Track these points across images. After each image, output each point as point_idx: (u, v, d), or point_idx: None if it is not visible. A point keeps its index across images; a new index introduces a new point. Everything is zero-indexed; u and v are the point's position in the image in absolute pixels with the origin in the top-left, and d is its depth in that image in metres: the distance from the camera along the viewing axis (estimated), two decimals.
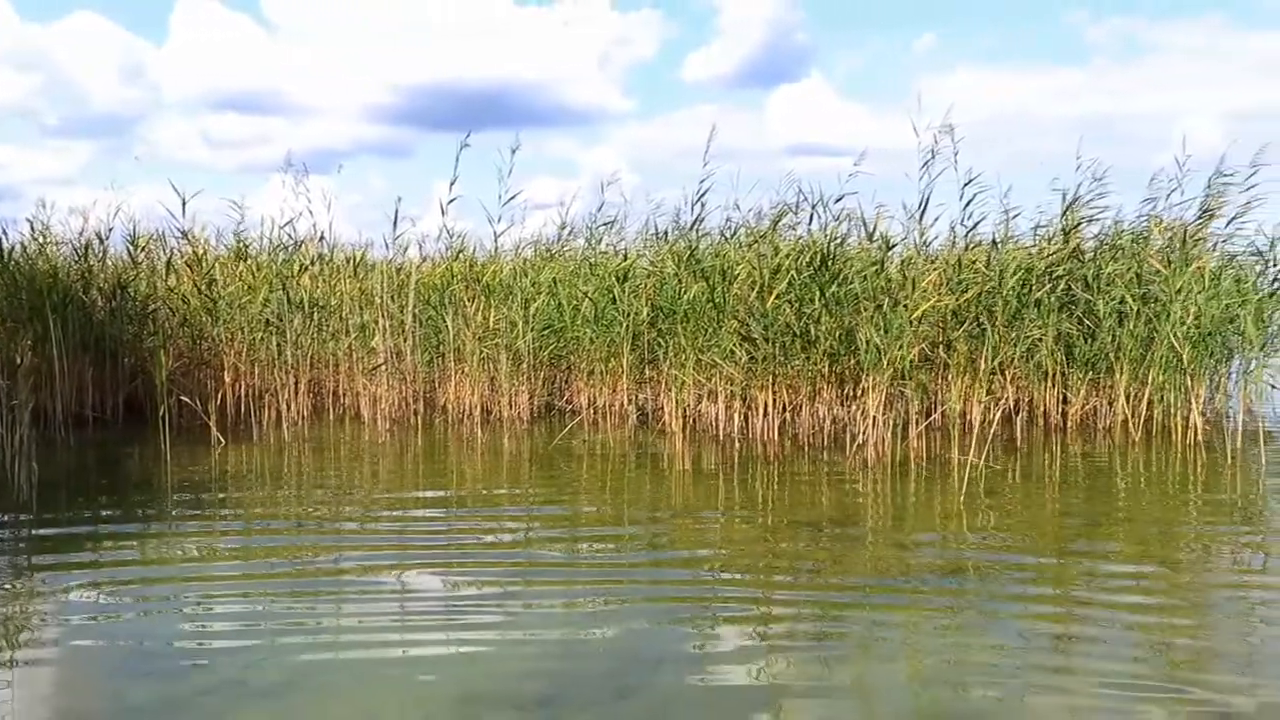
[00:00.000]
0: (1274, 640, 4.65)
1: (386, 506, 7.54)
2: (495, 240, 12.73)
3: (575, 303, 11.80)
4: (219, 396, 11.36)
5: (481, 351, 11.83)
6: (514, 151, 12.05)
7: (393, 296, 12.24)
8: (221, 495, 7.83)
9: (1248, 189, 11.18)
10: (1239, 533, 6.84)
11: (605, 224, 13.07)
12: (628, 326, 11.26)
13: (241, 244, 13.31)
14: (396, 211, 12.88)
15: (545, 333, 12.11)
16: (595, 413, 11.84)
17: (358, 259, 13.46)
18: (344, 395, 12.49)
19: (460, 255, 13.28)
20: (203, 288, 11.83)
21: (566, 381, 12.61)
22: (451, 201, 12.37)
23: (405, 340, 12.08)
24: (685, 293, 10.74)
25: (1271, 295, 10.79)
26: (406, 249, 13.19)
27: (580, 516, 7.20)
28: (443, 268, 13.06)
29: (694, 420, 10.89)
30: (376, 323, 12.09)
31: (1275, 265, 11.25)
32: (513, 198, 12.23)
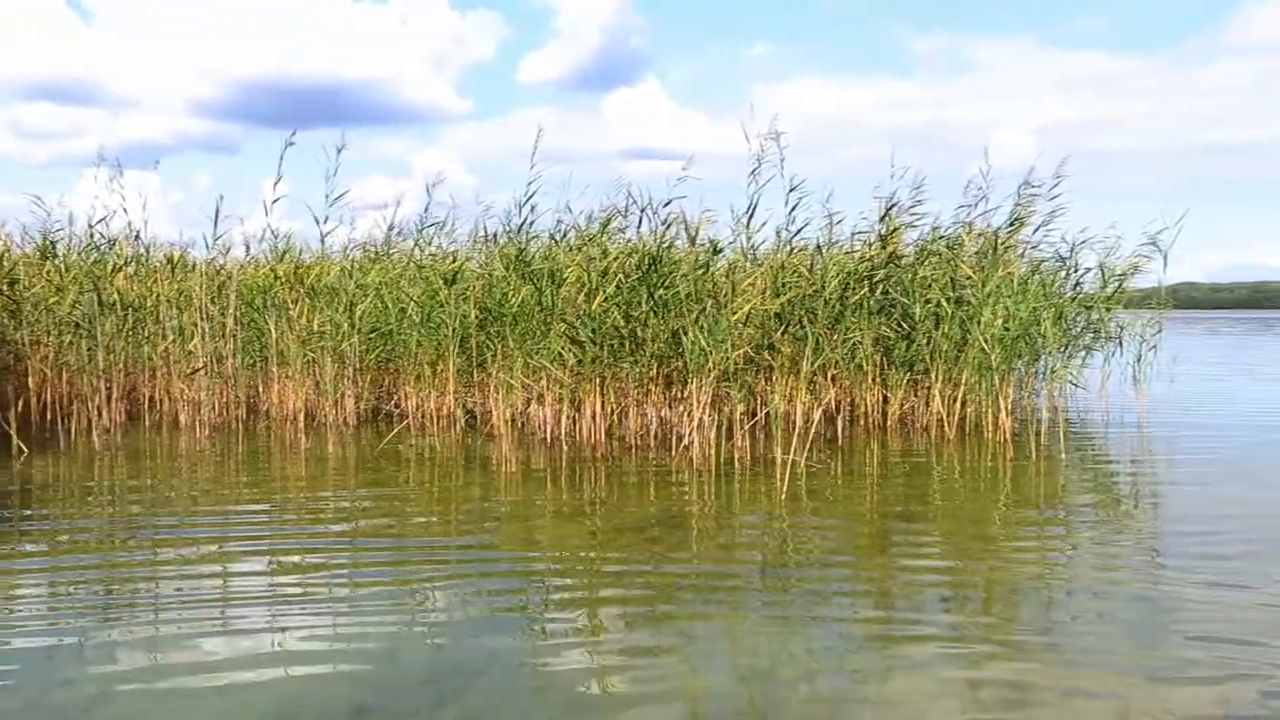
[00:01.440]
0: (1077, 627, 4.85)
1: (205, 516, 7.28)
2: (322, 241, 12.47)
3: (402, 305, 11.63)
4: (20, 403, 10.81)
5: (306, 355, 11.56)
6: (339, 151, 11.84)
7: (213, 298, 11.86)
8: (24, 509, 7.44)
9: (1052, 199, 11.77)
10: (1044, 524, 7.15)
11: (431, 225, 12.94)
12: (455, 329, 11.15)
13: (48, 242, 12.71)
14: (217, 210, 12.50)
15: (372, 336, 11.91)
16: (423, 417, 11.68)
17: (177, 259, 13.00)
18: (161, 401, 12.04)
19: (285, 256, 12.96)
20: (3, 288, 11.25)
21: (394, 385, 12.43)
22: (276, 201, 12.08)
23: (226, 344, 11.72)
24: (514, 296, 10.70)
25: (1073, 299, 11.35)
26: (230, 249, 12.82)
27: (406, 522, 7.08)
28: (267, 269, 12.72)
29: (522, 423, 10.85)
30: (195, 325, 11.70)
31: (1076, 271, 11.86)
32: (339, 198, 12.00)
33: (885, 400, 11.35)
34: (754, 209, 10.52)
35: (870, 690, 4.04)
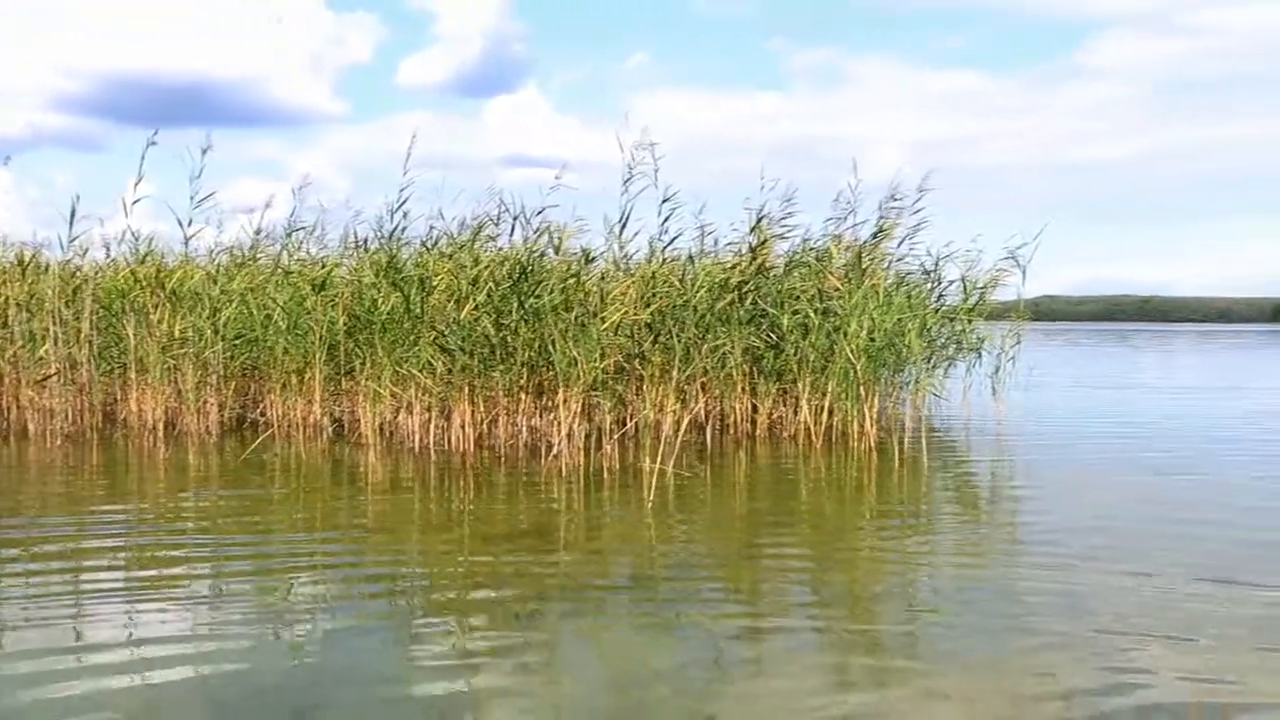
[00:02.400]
0: (937, 627, 4.96)
1: (56, 529, 7.00)
2: (185, 244, 12.13)
3: (268, 311, 11.38)
4: None
5: (166, 362, 11.22)
6: (204, 152, 11.54)
7: (67, 302, 11.43)
8: None
9: (916, 212, 12.08)
10: (906, 528, 7.32)
11: (297, 230, 12.70)
12: (323, 337, 10.95)
13: None
14: (73, 209, 12.04)
15: (237, 342, 11.62)
16: (289, 425, 11.44)
17: (28, 260, 12.48)
18: (9, 409, 11.55)
19: (147, 259, 12.56)
20: None
21: (259, 393, 12.14)
22: (137, 202, 11.71)
23: (81, 349, 11.31)
24: (384, 303, 10.55)
25: (936, 311, 11.66)
26: (87, 251, 12.37)
27: (270, 533, 6.91)
28: (126, 272, 12.30)
29: (391, 432, 10.71)
30: (48, 330, 11.26)
31: (940, 284, 12.19)
32: (204, 200, 11.69)
33: (754, 409, 11.49)
34: (626, 218, 10.56)
35: (737, 691, 4.08)
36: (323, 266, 11.74)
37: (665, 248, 11.41)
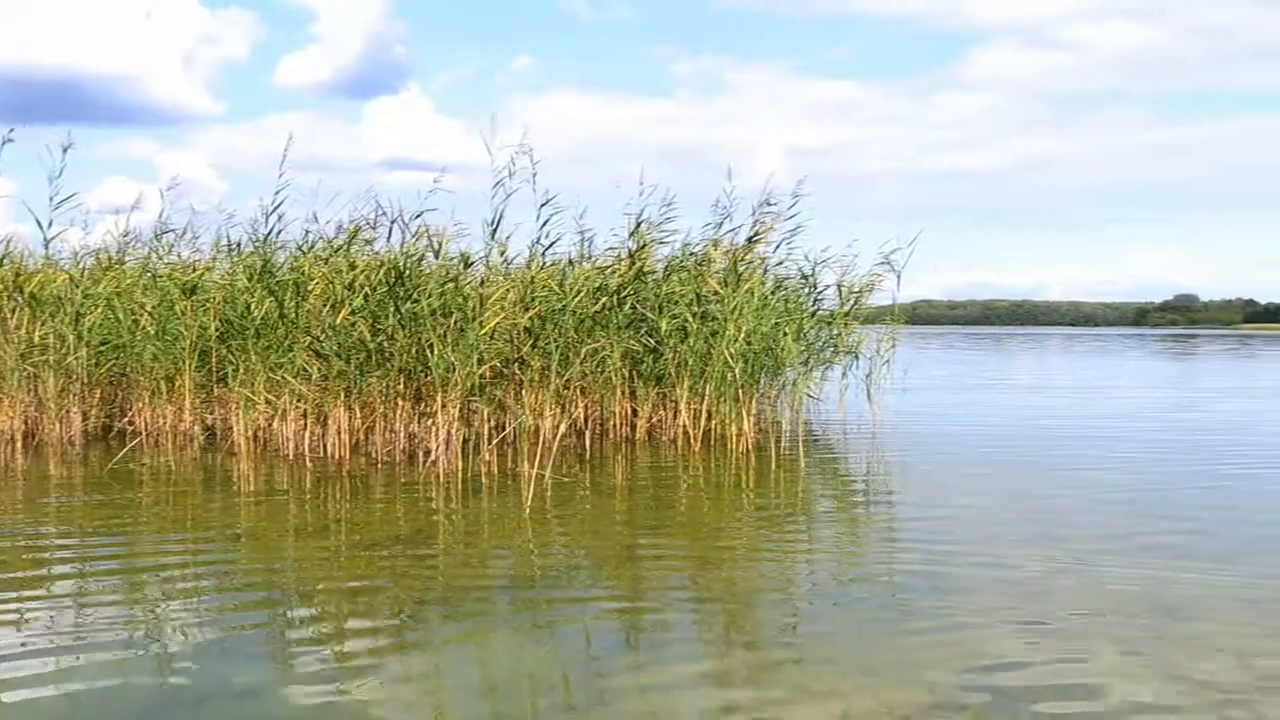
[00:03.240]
0: (814, 626, 5.03)
1: None
2: (46, 246, 11.70)
3: (135, 316, 11.05)
4: None
5: (25, 369, 10.82)
6: (65, 150, 11.16)
7: None
8: None
9: (791, 217, 12.26)
10: (784, 529, 7.43)
11: (167, 232, 12.37)
12: (194, 342, 10.68)
13: None
14: None
15: (103, 349, 11.26)
16: (159, 434, 11.13)
17: None
18: None
19: (4, 262, 12.09)
20: None
21: (127, 401, 11.78)
22: None
23: None
24: (257, 308, 10.33)
25: (813, 315, 11.85)
26: None
27: (137, 543, 6.70)
28: None
29: (265, 440, 10.49)
30: None
31: (816, 288, 12.40)
32: (64, 200, 11.31)
33: (634, 413, 11.53)
34: (499, 222, 10.50)
35: (617, 692, 4.08)
36: (194, 270, 11.45)
37: (544, 252, 11.39)
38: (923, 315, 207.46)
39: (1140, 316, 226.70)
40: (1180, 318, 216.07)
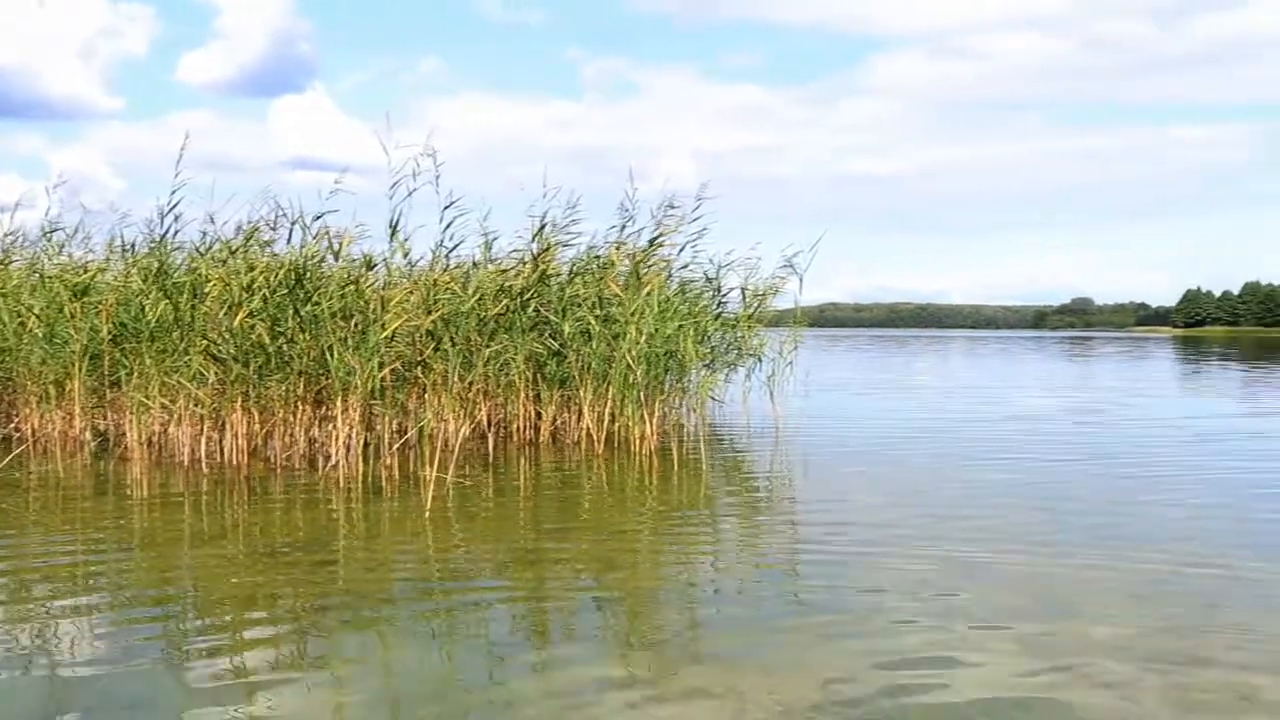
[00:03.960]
0: (715, 624, 5.08)
1: None
2: None
3: (22, 319, 10.73)
4: None
5: None
6: None
7: None
8: None
9: (694, 220, 12.33)
10: (686, 530, 7.48)
11: (55, 231, 12.04)
12: (85, 345, 10.41)
13: None
14: None
15: None
16: (47, 440, 10.83)
17: None
18: None
19: None
20: None
21: (13, 406, 11.44)
22: None
23: None
24: (151, 310, 10.10)
25: (716, 318, 11.94)
26: None
27: (26, 557, 6.49)
28: None
29: (160, 445, 10.26)
30: None
31: (720, 291, 12.50)
32: None
33: (538, 416, 11.52)
34: (397, 224, 10.40)
35: (519, 696, 4.07)
36: (85, 271, 11.16)
37: (448, 254, 11.32)
38: (830, 318, 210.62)
39: (1039, 319, 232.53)
40: (1077, 320, 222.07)
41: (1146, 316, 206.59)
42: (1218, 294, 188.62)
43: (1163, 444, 12.75)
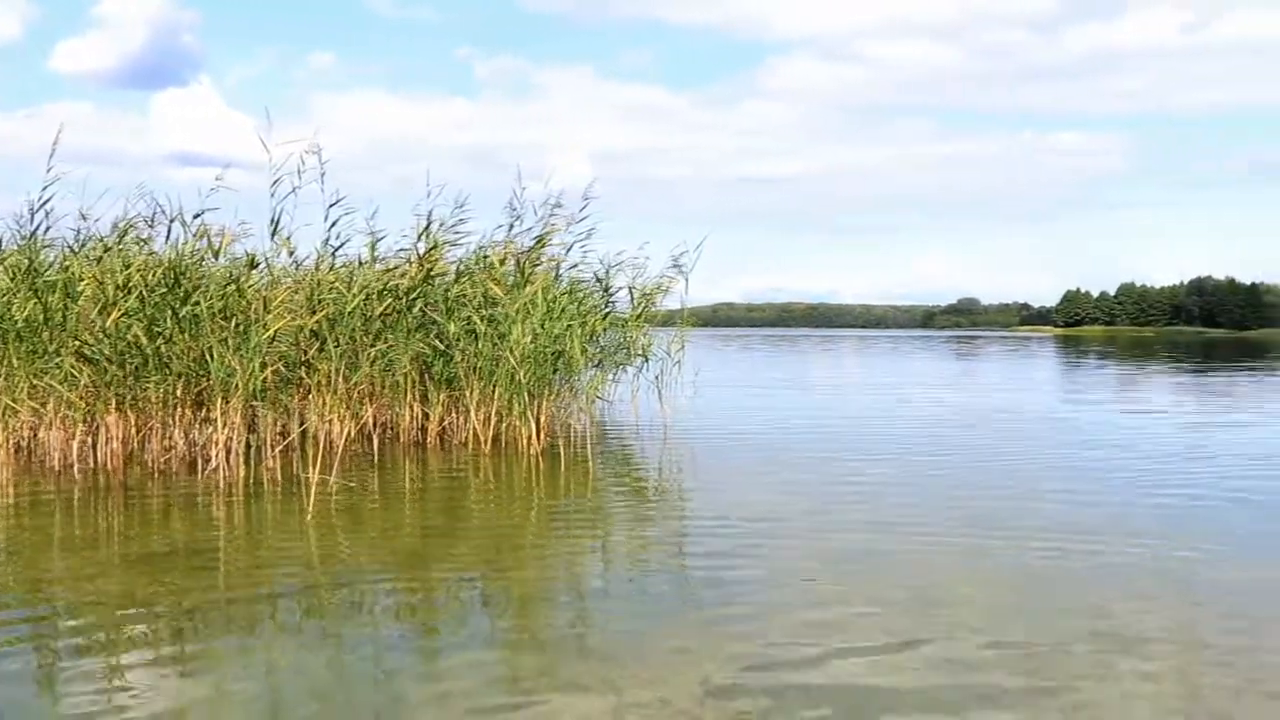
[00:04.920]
0: (594, 623, 5.10)
1: None
2: None
3: None
4: None
5: None
6: None
7: None
8: None
9: (581, 220, 12.35)
10: (572, 529, 7.50)
11: None
12: None
13: None
14: None
15: None
16: None
17: None
18: None
19: None
20: None
21: None
22: None
23: None
24: (19, 310, 9.77)
25: (604, 318, 11.97)
26: None
27: None
28: None
29: (29, 450, 9.95)
30: None
31: (609, 291, 12.53)
32: None
33: (425, 417, 11.43)
34: (278, 221, 10.23)
35: (404, 704, 4.04)
36: None
37: (334, 253, 11.17)
38: (723, 318, 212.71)
39: (928, 319, 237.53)
40: (963, 320, 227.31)
41: (1029, 316, 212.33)
42: (1095, 295, 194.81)
43: (1040, 438, 13.14)
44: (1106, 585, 5.80)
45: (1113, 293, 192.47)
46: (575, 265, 12.95)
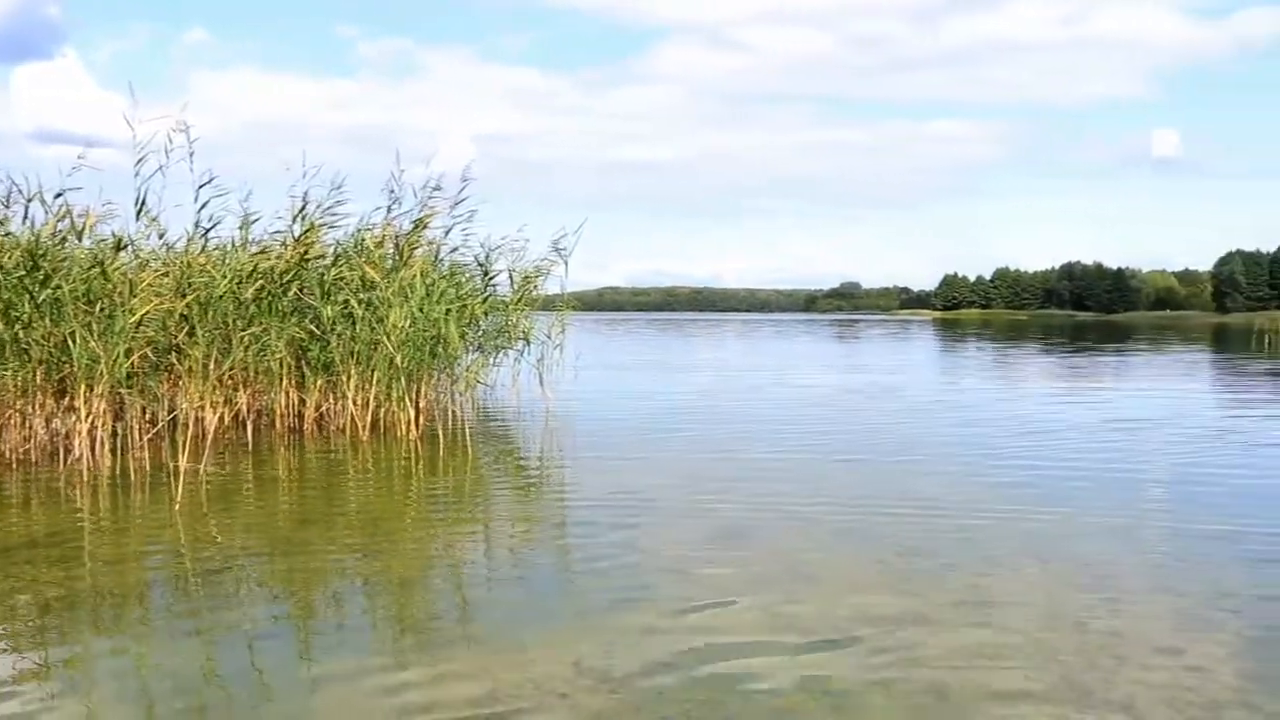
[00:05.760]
0: (470, 609, 5.06)
1: None
2: None
3: None
4: None
5: None
6: None
7: None
8: None
9: (459, 202, 12.21)
10: (451, 515, 7.44)
11: None
12: None
13: None
14: None
15: None
16: None
17: None
18: None
19: None
20: None
21: None
22: None
23: None
24: None
25: (483, 302, 11.87)
26: None
27: None
28: None
29: None
30: None
31: (489, 275, 12.45)
32: None
33: (302, 403, 11.21)
34: (143, 202, 9.92)
35: (277, 695, 3.97)
36: None
37: (204, 235, 10.88)
38: (608, 301, 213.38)
39: (810, 303, 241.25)
40: (845, 304, 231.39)
41: (909, 300, 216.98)
42: (972, 279, 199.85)
43: (917, 418, 13.44)
44: (969, 555, 5.99)
45: (989, 277, 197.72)
46: (456, 249, 12.83)
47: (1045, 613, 4.95)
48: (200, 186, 10.61)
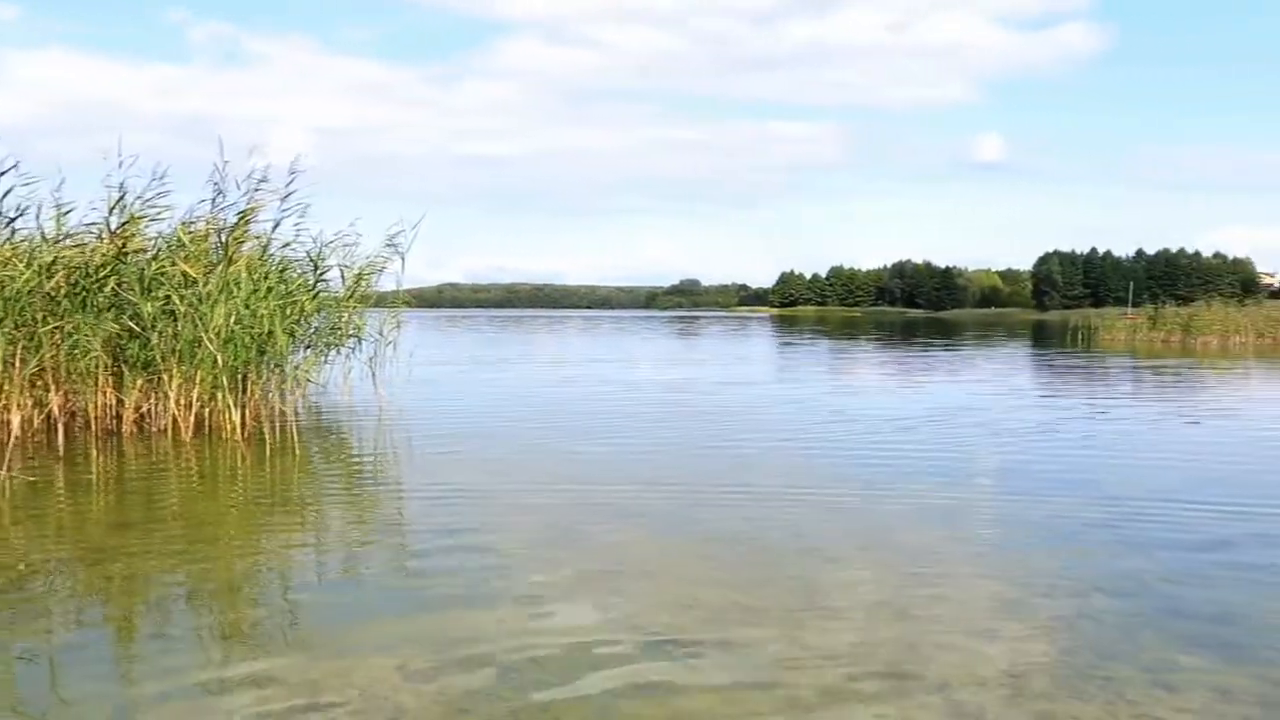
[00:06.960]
0: (292, 613, 4.91)
1: None
2: None
3: None
4: None
5: None
6: None
7: None
8: None
9: (287, 195, 11.83)
10: (278, 518, 7.22)
11: None
12: None
13: None
14: None
15: None
16: None
17: None
18: None
19: None
20: None
21: None
22: None
23: None
24: None
25: (314, 298, 11.56)
26: None
27: None
28: None
29: None
30: None
31: (319, 270, 12.13)
32: None
33: (120, 403, 10.72)
34: None
35: (82, 703, 3.80)
36: None
37: (8, 225, 10.29)
38: (448, 298, 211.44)
39: (651, 300, 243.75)
40: (685, 300, 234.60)
41: (748, 297, 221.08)
42: (809, 277, 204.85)
43: (750, 411, 13.67)
44: (797, 547, 6.12)
45: (824, 275, 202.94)
46: (288, 244, 12.43)
47: (870, 602, 5.08)
48: (1, 173, 10.04)
